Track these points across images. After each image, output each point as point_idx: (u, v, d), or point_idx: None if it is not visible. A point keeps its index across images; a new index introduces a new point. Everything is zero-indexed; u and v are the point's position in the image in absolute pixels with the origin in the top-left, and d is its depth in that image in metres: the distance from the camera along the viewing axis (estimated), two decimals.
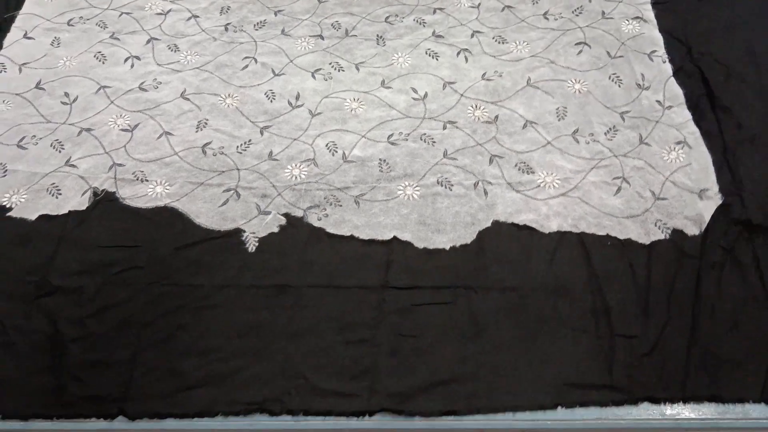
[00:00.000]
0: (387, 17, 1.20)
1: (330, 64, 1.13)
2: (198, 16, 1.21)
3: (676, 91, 1.08)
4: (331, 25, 1.19)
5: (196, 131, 1.03)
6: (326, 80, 1.11)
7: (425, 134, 1.02)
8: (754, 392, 0.79)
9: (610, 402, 0.78)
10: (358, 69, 1.13)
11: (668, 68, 1.11)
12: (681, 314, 0.84)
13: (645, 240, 0.91)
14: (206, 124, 1.04)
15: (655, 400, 0.79)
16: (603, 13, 1.19)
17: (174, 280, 0.86)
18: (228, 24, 1.19)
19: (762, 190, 0.96)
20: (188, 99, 1.08)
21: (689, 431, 0.78)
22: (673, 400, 0.79)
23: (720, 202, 0.94)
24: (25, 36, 1.17)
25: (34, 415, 0.77)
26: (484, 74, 1.11)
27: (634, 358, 0.81)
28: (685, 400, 0.79)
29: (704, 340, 0.82)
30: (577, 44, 1.15)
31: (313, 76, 1.11)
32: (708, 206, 0.94)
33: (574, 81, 1.09)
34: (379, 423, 0.77)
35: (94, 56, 1.14)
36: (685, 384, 0.79)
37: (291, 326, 0.83)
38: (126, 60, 1.14)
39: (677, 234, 0.91)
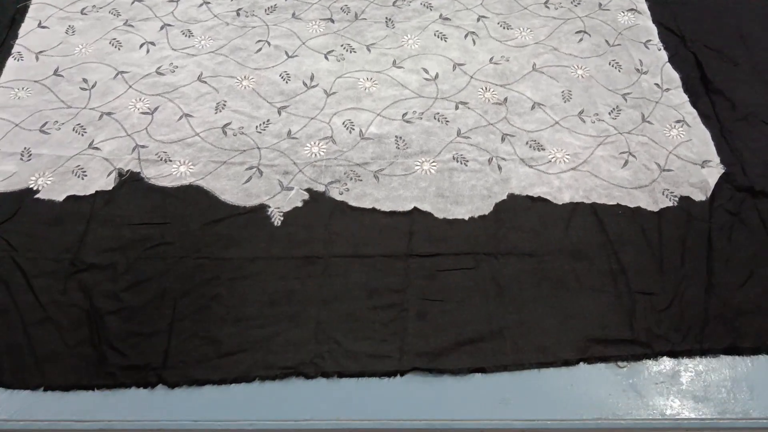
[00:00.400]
0: (394, 1, 1.26)
1: (342, 45, 1.18)
2: (209, 2, 1.25)
3: (673, 75, 1.16)
4: (341, 8, 1.25)
5: (215, 113, 1.07)
6: (339, 61, 1.16)
7: (438, 113, 1.08)
8: None
9: (631, 357, 0.83)
10: (369, 50, 1.18)
11: (664, 55, 1.19)
12: (696, 270, 0.90)
13: (654, 208, 0.97)
14: (225, 105, 1.08)
15: (675, 354, 0.84)
16: (600, 4, 1.27)
17: (205, 254, 0.90)
18: (239, 9, 1.24)
19: (761, 161, 1.03)
20: (205, 82, 1.12)
21: (689, 431, 0.81)
22: (691, 353, 0.84)
23: (723, 171, 1.01)
24: (40, 25, 1.20)
25: (76, 387, 0.80)
26: (491, 58, 1.17)
27: (654, 313, 0.86)
28: (703, 353, 0.84)
29: (720, 293, 0.88)
30: (577, 32, 1.22)
31: (326, 58, 1.16)
32: (712, 173, 1.01)
33: (576, 67, 1.16)
34: (386, 423, 0.80)
35: (110, 43, 1.18)
36: (703, 337, 0.85)
37: (321, 294, 0.87)
38: (141, 46, 1.18)
39: (685, 200, 0.98)
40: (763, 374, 0.84)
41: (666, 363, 0.85)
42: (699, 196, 0.98)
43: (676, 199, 0.98)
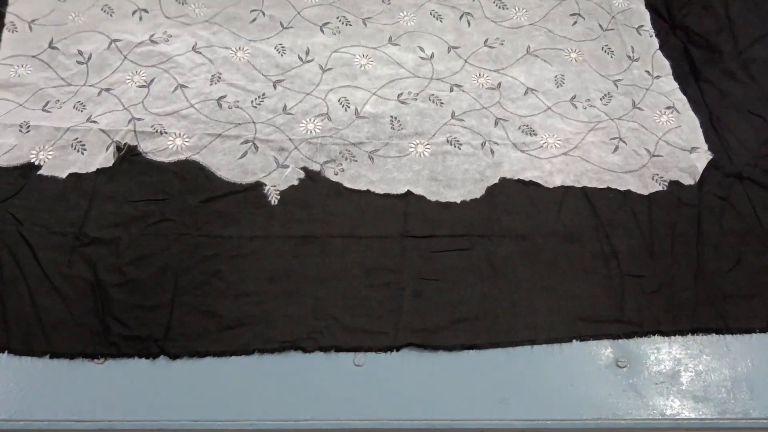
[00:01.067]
0: None
1: (337, 17, 1.24)
2: None
3: (663, 62, 1.25)
4: None
5: (211, 84, 1.12)
6: (335, 34, 1.22)
7: (433, 95, 1.15)
8: (760, 322, 0.94)
9: (621, 335, 0.92)
10: (365, 24, 1.24)
11: (655, 42, 1.28)
12: (686, 254, 0.99)
13: (644, 191, 1.06)
14: (220, 78, 1.13)
15: (665, 333, 0.92)
16: None
17: (205, 231, 0.96)
18: None
19: (747, 150, 1.12)
20: (200, 52, 1.16)
21: (689, 431, 0.85)
22: (681, 333, 0.92)
23: (710, 157, 1.10)
24: None
25: (81, 355, 0.86)
26: (486, 40, 1.24)
27: (644, 295, 0.95)
28: (693, 332, 0.93)
29: (710, 276, 0.97)
30: (571, 15, 1.30)
31: (322, 30, 1.22)
32: (700, 158, 1.10)
33: (570, 50, 1.24)
34: (386, 423, 0.85)
35: (102, 9, 1.21)
36: (693, 317, 0.94)
37: (319, 272, 0.94)
38: (134, 13, 1.21)
39: (674, 185, 1.07)
40: (763, 374, 0.89)
41: (666, 363, 0.91)
42: (688, 181, 1.07)
43: (666, 183, 1.07)
